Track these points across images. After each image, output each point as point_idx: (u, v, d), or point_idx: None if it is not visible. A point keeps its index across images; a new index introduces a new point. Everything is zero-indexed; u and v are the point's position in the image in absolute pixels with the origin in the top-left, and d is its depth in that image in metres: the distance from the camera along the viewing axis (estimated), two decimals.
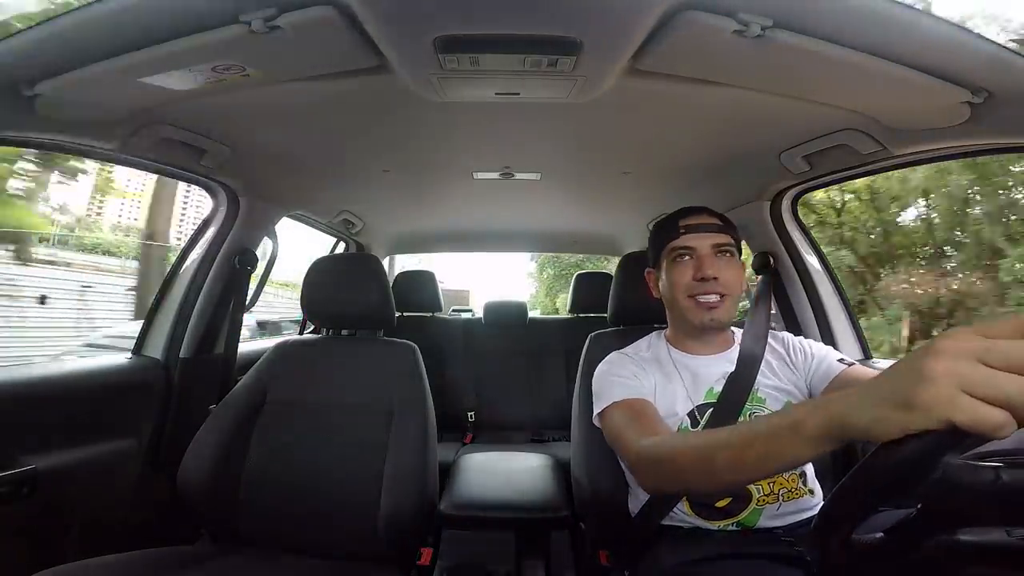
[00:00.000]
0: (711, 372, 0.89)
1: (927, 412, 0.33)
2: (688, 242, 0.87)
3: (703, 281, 0.85)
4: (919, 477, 0.38)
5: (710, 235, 0.88)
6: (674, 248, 0.88)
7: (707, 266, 0.85)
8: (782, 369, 0.90)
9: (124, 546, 0.91)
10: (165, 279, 1.37)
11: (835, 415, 0.40)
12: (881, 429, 0.36)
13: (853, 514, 0.42)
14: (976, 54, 0.66)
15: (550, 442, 2.05)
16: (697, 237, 0.87)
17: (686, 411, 0.86)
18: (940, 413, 0.32)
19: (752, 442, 0.49)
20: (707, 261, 0.86)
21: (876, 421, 0.36)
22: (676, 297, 0.89)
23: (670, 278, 0.89)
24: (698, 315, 0.87)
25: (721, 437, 0.54)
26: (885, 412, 0.35)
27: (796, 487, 0.82)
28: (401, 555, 1.00)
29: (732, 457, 0.51)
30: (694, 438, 0.64)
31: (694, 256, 0.87)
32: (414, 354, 1.17)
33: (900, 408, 0.34)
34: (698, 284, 0.86)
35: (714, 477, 0.54)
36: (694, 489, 0.60)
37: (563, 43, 0.70)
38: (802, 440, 0.43)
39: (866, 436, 0.38)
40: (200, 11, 0.64)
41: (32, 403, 0.98)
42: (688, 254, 0.87)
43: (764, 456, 0.47)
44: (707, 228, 0.88)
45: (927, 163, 1.01)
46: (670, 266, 0.89)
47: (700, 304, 0.86)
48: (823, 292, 1.36)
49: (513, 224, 2.21)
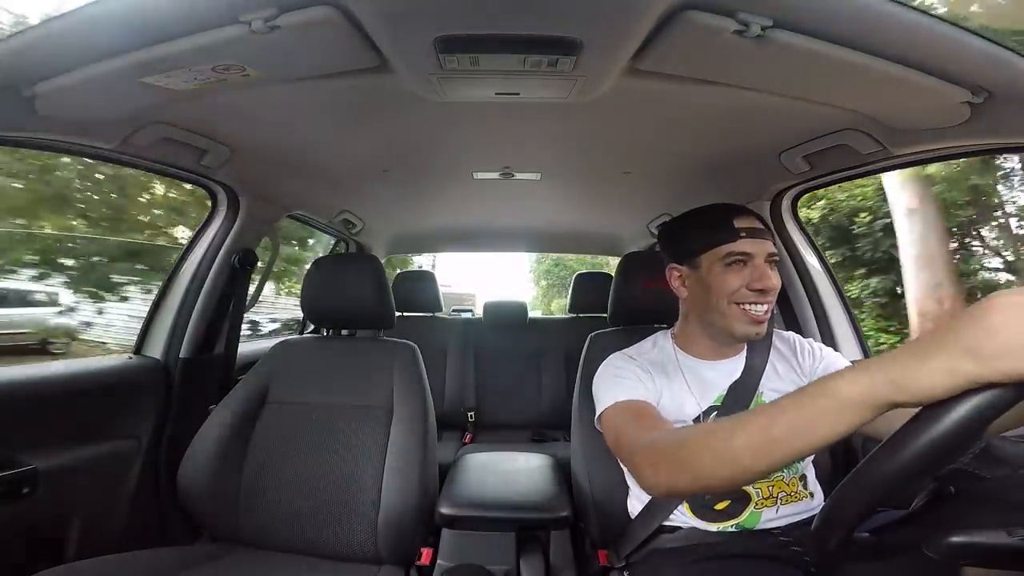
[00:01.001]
0: (719, 378, 0.87)
1: (997, 362, 0.32)
2: (746, 247, 0.80)
3: (760, 292, 0.79)
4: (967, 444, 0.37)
5: (766, 242, 0.81)
6: (731, 252, 0.80)
7: (769, 276, 0.79)
8: (787, 372, 0.88)
9: (124, 546, 0.91)
10: (165, 279, 1.37)
11: (880, 373, 0.38)
12: (942, 381, 0.34)
13: (855, 512, 0.42)
14: (976, 54, 0.66)
15: (550, 442, 2.05)
16: (756, 243, 0.80)
17: (692, 417, 0.84)
18: (1010, 364, 0.32)
19: (778, 418, 0.44)
20: (764, 271, 0.79)
21: (937, 372, 0.34)
22: (719, 301, 0.81)
23: (716, 282, 0.81)
24: (743, 326, 0.81)
25: (740, 418, 0.50)
26: (949, 362, 0.34)
27: (796, 490, 0.82)
28: (401, 555, 1.00)
29: (755, 436, 0.46)
30: (707, 425, 0.59)
31: (749, 263, 0.80)
32: (414, 354, 1.17)
33: (968, 357, 0.33)
34: (752, 294, 0.79)
35: (733, 464, 0.48)
36: (707, 482, 0.53)
37: (563, 43, 0.70)
38: (839, 408, 0.40)
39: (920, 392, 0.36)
40: (200, 11, 0.64)
41: (32, 403, 0.98)
42: (744, 260, 0.80)
43: (792, 432, 0.43)
44: (763, 234, 0.82)
45: (927, 163, 1.01)
46: (720, 270, 0.81)
47: (748, 315, 0.80)
48: (823, 292, 1.36)
49: (513, 224, 2.21)
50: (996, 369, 0.33)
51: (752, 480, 0.73)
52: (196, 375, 1.32)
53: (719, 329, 0.84)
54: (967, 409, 0.34)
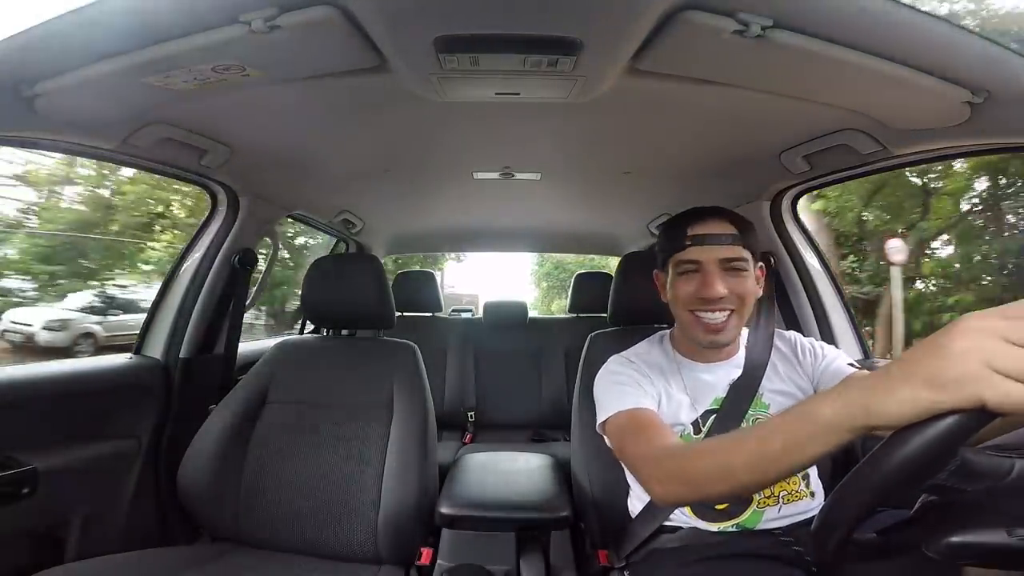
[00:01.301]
0: (717, 380, 0.86)
1: (957, 390, 0.33)
2: (692, 255, 0.80)
3: (706, 301, 0.78)
4: (938, 464, 0.38)
5: (719, 247, 0.79)
6: (679, 261, 0.82)
7: (712, 284, 0.77)
8: (787, 371, 0.87)
9: (124, 546, 0.91)
10: (165, 279, 1.37)
11: (855, 400, 0.39)
12: (907, 410, 0.35)
13: (853, 514, 0.42)
14: (976, 54, 0.66)
15: (550, 442, 2.04)
16: (703, 250, 0.79)
17: (690, 420, 0.84)
18: (970, 391, 0.32)
19: (770, 438, 0.47)
20: (713, 278, 0.77)
21: (903, 402, 0.35)
22: (679, 310, 0.84)
23: (673, 289, 0.84)
24: (699, 334, 0.81)
25: (738, 438, 0.54)
26: (912, 392, 0.35)
27: (798, 489, 0.82)
28: (401, 555, 1.00)
29: (751, 456, 0.49)
30: (709, 443, 0.61)
31: (700, 271, 0.79)
32: (414, 354, 1.17)
33: (928, 387, 0.34)
34: (701, 302, 0.79)
35: (733, 480, 0.51)
36: (712, 495, 0.57)
37: (563, 43, 0.70)
38: (821, 430, 0.42)
39: (889, 420, 0.37)
40: (200, 11, 0.64)
41: (32, 403, 0.98)
42: (693, 268, 0.80)
43: (783, 452, 0.45)
44: (716, 240, 0.79)
45: (927, 163, 1.01)
46: (675, 277, 0.83)
47: (701, 322, 0.80)
48: (823, 292, 1.36)
49: (513, 224, 2.21)
50: (956, 397, 0.33)
51: (753, 492, 0.76)
52: (196, 375, 1.32)
53: (685, 335, 0.86)
54: (934, 433, 0.35)
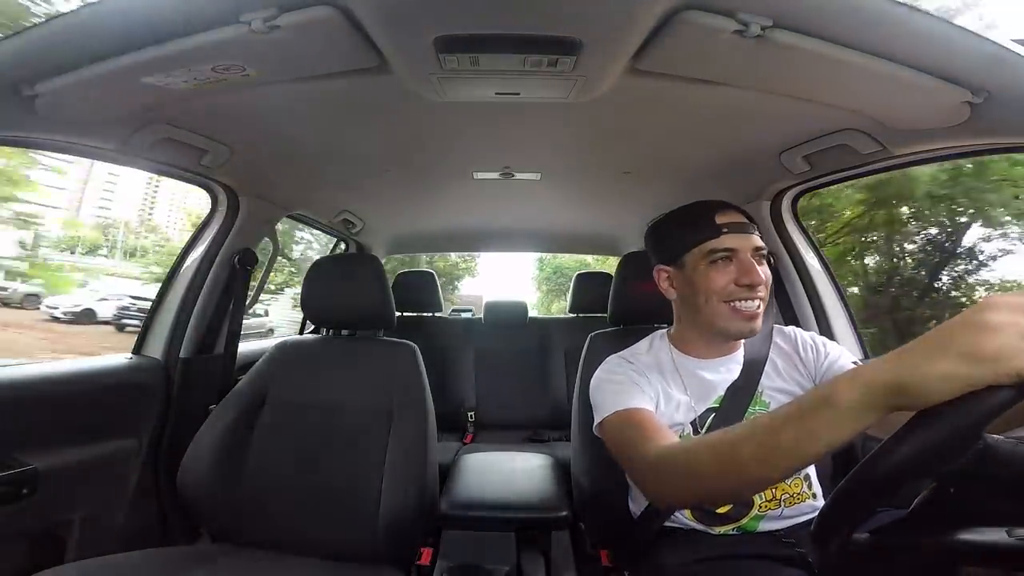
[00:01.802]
0: (717, 378, 0.85)
1: (995, 363, 0.33)
2: (729, 243, 0.78)
3: (748, 288, 0.77)
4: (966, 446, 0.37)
5: (751, 236, 0.79)
6: (714, 249, 0.79)
7: (753, 272, 0.77)
8: (788, 369, 0.86)
9: (124, 546, 0.91)
10: (165, 279, 1.37)
11: (879, 380, 0.38)
12: (943, 386, 0.34)
13: (853, 513, 0.42)
14: (976, 54, 0.66)
15: (550, 442, 2.05)
16: (739, 238, 0.78)
17: (689, 420, 0.82)
18: (1009, 364, 0.32)
19: (782, 427, 0.45)
20: (751, 266, 0.77)
21: (937, 378, 0.34)
22: (709, 300, 0.79)
23: (703, 281, 0.80)
24: (736, 324, 0.78)
25: (745, 429, 0.51)
26: (947, 366, 0.34)
27: (800, 491, 0.81)
28: (401, 555, 1.00)
29: (760, 447, 0.46)
30: (712, 436, 0.58)
31: (734, 259, 0.78)
32: (414, 354, 1.17)
33: (965, 361, 0.34)
34: (740, 290, 0.77)
35: (740, 474, 0.49)
36: (715, 493, 0.54)
37: (563, 43, 0.70)
38: (840, 414, 0.40)
39: (923, 397, 0.35)
40: (200, 11, 0.64)
41: (32, 403, 0.98)
42: (728, 256, 0.78)
43: (796, 441, 0.43)
44: (748, 229, 0.80)
45: (927, 163, 1.01)
46: (705, 268, 0.79)
47: (739, 312, 0.78)
48: (823, 292, 1.36)
49: (513, 224, 2.21)
50: (994, 371, 0.33)
51: (761, 489, 0.74)
52: (196, 375, 1.32)
53: (712, 329, 0.82)
54: (967, 412, 0.34)
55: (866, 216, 5.09)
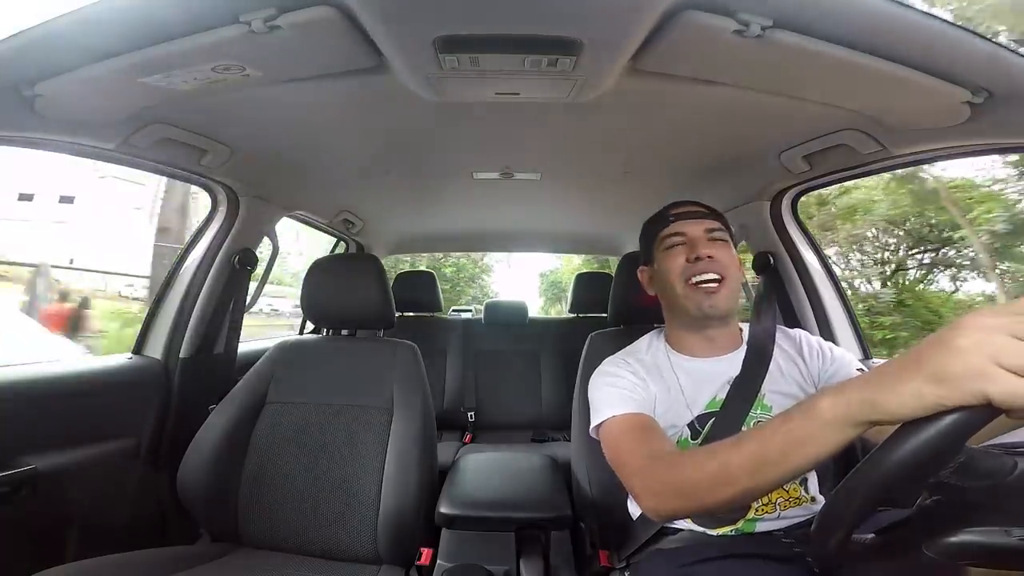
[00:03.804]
0: (715, 377, 0.83)
1: (961, 385, 0.33)
2: (679, 228, 0.87)
3: (698, 261, 0.82)
4: (942, 461, 0.38)
5: (701, 221, 0.87)
6: (665, 236, 0.87)
7: (701, 247, 0.83)
8: (791, 371, 0.84)
9: (124, 546, 0.91)
10: (165, 279, 1.37)
11: (857, 396, 0.40)
12: (914, 404, 0.36)
13: (855, 511, 0.42)
14: (976, 54, 0.66)
15: (550, 442, 2.05)
16: (688, 223, 0.87)
17: (685, 422, 0.81)
18: (975, 386, 0.33)
19: (771, 438, 0.47)
20: (700, 243, 0.84)
21: (908, 396, 0.36)
22: (672, 285, 0.84)
23: (664, 267, 0.86)
24: (696, 301, 0.82)
25: (737, 440, 0.52)
26: (917, 387, 0.35)
27: (798, 495, 0.81)
28: (401, 555, 1.00)
29: (750, 459, 0.48)
30: (704, 449, 0.59)
31: (687, 241, 0.85)
32: (414, 354, 1.17)
33: (933, 381, 0.35)
34: (693, 266, 0.82)
35: (732, 486, 0.50)
36: (708, 504, 0.55)
37: (563, 43, 0.70)
38: (823, 427, 0.42)
39: (893, 415, 0.37)
40: (200, 11, 0.64)
41: (32, 403, 0.98)
42: (681, 240, 0.86)
43: (782, 453, 0.45)
44: (697, 215, 0.88)
45: (927, 163, 1.02)
46: (663, 256, 0.87)
47: (698, 288, 0.82)
48: (823, 292, 1.36)
49: (513, 224, 2.21)
50: (962, 391, 0.33)
51: (753, 500, 0.73)
52: (196, 375, 1.32)
53: (685, 314, 0.85)
54: (937, 430, 0.35)
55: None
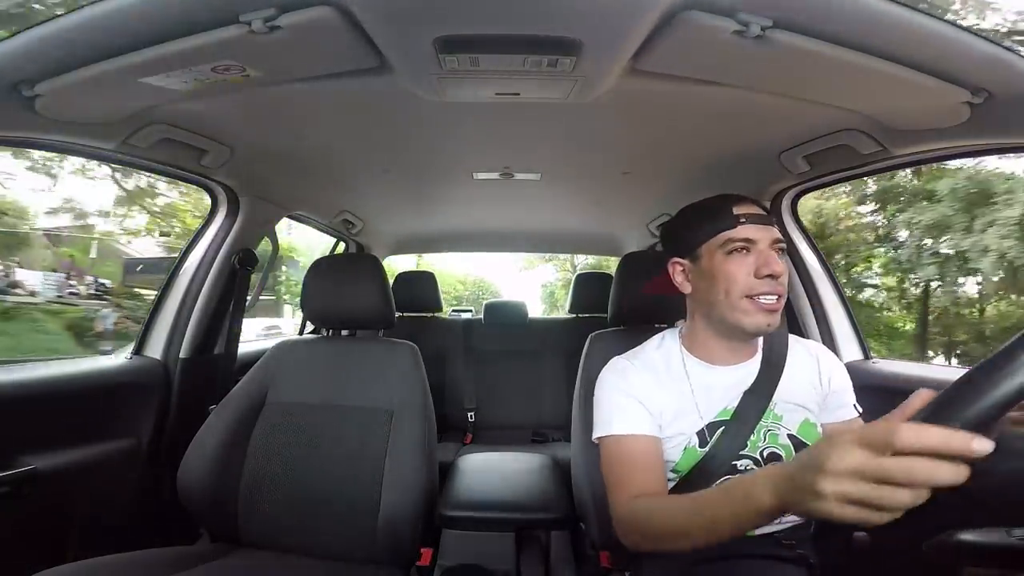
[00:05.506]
0: (730, 387, 0.80)
1: (828, 515, 0.41)
2: (748, 233, 0.75)
3: (768, 279, 0.73)
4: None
5: (769, 228, 0.76)
6: (731, 239, 0.75)
7: (773, 263, 0.73)
8: (805, 383, 0.82)
9: (124, 546, 0.91)
10: (165, 279, 1.37)
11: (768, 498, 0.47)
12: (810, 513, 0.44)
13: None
14: (976, 54, 0.66)
15: (550, 442, 2.05)
16: (758, 229, 0.75)
17: (695, 430, 0.78)
18: (836, 518, 0.41)
19: (720, 508, 0.54)
20: (770, 257, 0.74)
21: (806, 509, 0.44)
22: (728, 295, 0.75)
23: (724, 272, 0.75)
24: (755, 319, 0.74)
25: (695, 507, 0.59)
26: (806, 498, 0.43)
27: None
28: (401, 555, 1.00)
29: (703, 528, 0.56)
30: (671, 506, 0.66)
31: (753, 250, 0.75)
32: (414, 354, 1.17)
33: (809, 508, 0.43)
34: (760, 283, 0.73)
35: (692, 540, 0.58)
36: (677, 550, 0.63)
37: (563, 43, 0.70)
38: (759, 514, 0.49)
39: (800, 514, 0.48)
40: (200, 11, 0.64)
41: (32, 403, 0.98)
42: (747, 247, 0.75)
43: (732, 521, 0.52)
44: (766, 221, 0.77)
45: (927, 163, 1.02)
46: (722, 259, 0.76)
47: (760, 307, 0.74)
48: (823, 292, 1.36)
49: (513, 224, 2.21)
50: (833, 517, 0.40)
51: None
52: (196, 375, 1.32)
53: (728, 325, 0.77)
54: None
55: None
